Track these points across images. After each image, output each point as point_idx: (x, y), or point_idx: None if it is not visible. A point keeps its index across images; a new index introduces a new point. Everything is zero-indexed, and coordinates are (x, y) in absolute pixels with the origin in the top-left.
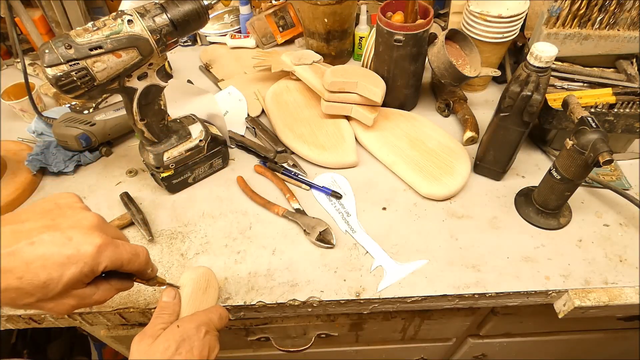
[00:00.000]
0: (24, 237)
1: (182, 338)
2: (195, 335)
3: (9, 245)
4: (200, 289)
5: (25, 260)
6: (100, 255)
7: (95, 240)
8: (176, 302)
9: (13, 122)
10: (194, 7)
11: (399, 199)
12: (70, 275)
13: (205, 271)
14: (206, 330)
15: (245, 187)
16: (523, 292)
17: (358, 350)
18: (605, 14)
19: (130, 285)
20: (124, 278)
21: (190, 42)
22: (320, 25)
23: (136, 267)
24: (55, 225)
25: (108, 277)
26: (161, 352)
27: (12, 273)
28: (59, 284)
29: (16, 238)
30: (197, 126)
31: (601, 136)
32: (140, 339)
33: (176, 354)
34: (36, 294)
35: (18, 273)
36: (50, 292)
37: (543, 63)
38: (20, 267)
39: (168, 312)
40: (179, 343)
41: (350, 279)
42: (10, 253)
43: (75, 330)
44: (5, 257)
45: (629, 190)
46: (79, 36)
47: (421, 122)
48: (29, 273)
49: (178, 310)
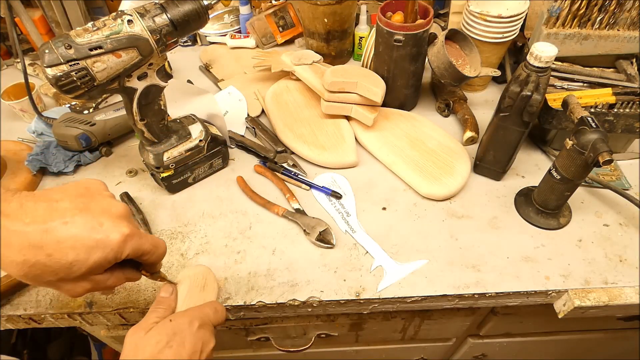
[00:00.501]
0: (58, 216)
1: (174, 332)
2: (188, 329)
3: (44, 221)
4: (197, 287)
5: (57, 239)
6: (126, 244)
7: (123, 229)
8: (172, 298)
9: (13, 122)
10: (193, 7)
11: (398, 199)
12: (95, 259)
13: (203, 270)
14: (199, 324)
15: (245, 187)
16: (523, 292)
17: (358, 350)
18: (605, 14)
19: (138, 276)
20: (135, 268)
21: (190, 42)
22: (320, 25)
23: (154, 259)
24: (88, 209)
25: (121, 265)
26: (152, 345)
27: (42, 249)
28: (84, 266)
29: (51, 216)
30: (197, 126)
31: (601, 136)
32: (134, 332)
33: (167, 347)
34: (60, 274)
35: (48, 250)
36: (74, 274)
37: (543, 63)
38: (51, 244)
39: (163, 307)
40: (170, 337)
41: (350, 279)
42: (44, 230)
43: (75, 330)
44: (39, 233)
45: (629, 190)
46: (79, 36)
47: (421, 122)
48: (59, 252)
49: (174, 306)
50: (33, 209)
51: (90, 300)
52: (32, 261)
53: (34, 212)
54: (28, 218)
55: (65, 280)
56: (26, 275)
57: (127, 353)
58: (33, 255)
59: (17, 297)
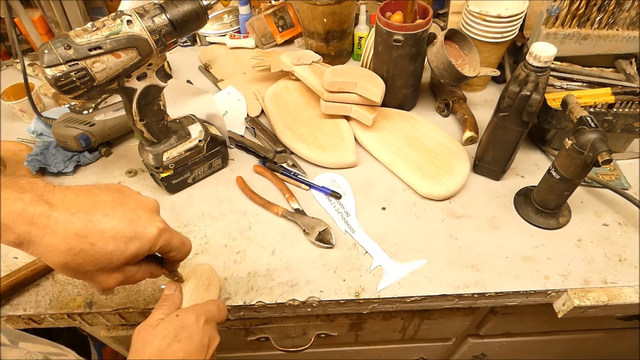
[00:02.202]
0: (100, 208)
1: (181, 326)
2: (195, 324)
3: (88, 212)
4: (202, 285)
5: (100, 229)
6: (160, 238)
7: (158, 223)
8: (177, 295)
9: (13, 123)
10: (193, 7)
11: (398, 198)
12: (132, 250)
13: (207, 269)
14: (205, 319)
15: (245, 187)
16: (522, 291)
17: (358, 350)
18: (604, 14)
19: (160, 272)
20: (158, 264)
21: (190, 42)
22: (319, 25)
23: (179, 257)
24: (125, 204)
25: (147, 260)
26: (160, 339)
27: (86, 239)
28: (122, 256)
29: (95, 208)
30: (196, 126)
31: (600, 136)
32: (141, 329)
33: (175, 340)
34: (100, 263)
35: (92, 239)
36: (112, 264)
37: (542, 63)
38: (95, 234)
39: (169, 304)
40: (177, 331)
41: (350, 279)
42: (89, 219)
43: (75, 330)
44: (85, 222)
45: (628, 190)
46: (78, 36)
47: (420, 122)
48: (101, 241)
49: (179, 303)
50: (76, 200)
51: (90, 300)
52: (77, 249)
53: (77, 202)
54: (73, 208)
55: (102, 270)
56: (67, 264)
57: (136, 349)
58: (78, 244)
59: (17, 298)
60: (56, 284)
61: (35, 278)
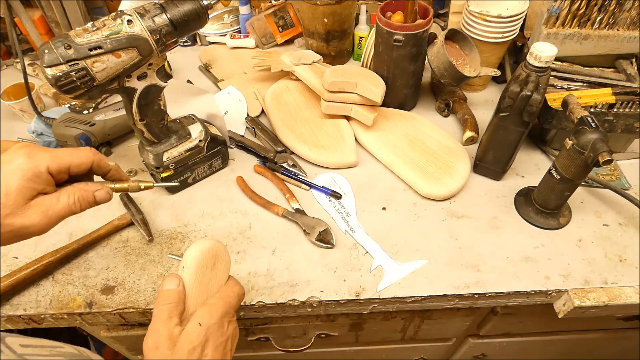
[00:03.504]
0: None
1: (206, 338)
2: (219, 330)
3: None
4: (207, 267)
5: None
6: (34, 160)
7: (22, 150)
8: (180, 290)
9: (13, 122)
10: (193, 7)
11: (398, 199)
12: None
13: (211, 246)
14: (229, 321)
15: (245, 187)
16: (523, 292)
17: (358, 350)
18: (604, 14)
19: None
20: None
21: (190, 42)
22: (319, 25)
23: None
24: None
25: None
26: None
27: None
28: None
29: None
30: (196, 126)
31: (601, 136)
32: (156, 345)
33: (202, 355)
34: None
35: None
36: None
37: (543, 63)
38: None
39: (174, 303)
40: (203, 344)
41: (350, 279)
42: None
43: (75, 330)
44: None
45: (629, 190)
46: (79, 36)
47: (421, 122)
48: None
49: (184, 299)
50: None
51: (90, 300)
52: None
53: None
54: None
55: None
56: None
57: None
58: None
59: (17, 298)
60: (56, 284)
61: (35, 278)
